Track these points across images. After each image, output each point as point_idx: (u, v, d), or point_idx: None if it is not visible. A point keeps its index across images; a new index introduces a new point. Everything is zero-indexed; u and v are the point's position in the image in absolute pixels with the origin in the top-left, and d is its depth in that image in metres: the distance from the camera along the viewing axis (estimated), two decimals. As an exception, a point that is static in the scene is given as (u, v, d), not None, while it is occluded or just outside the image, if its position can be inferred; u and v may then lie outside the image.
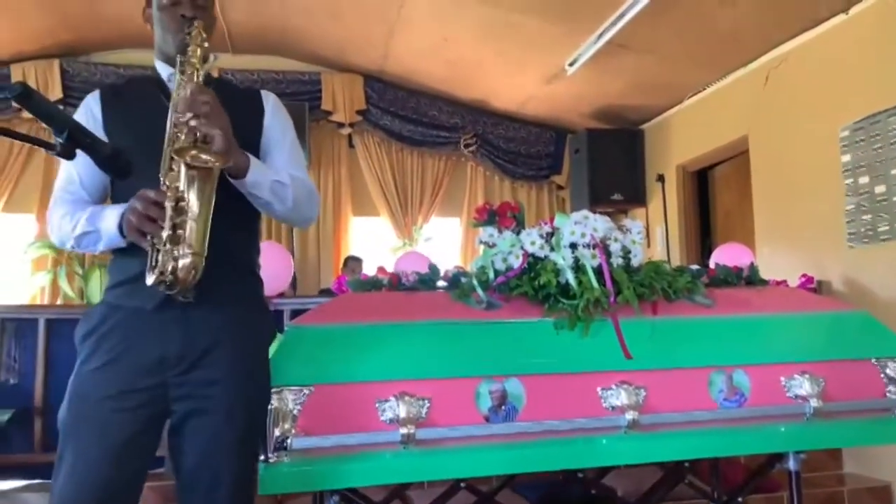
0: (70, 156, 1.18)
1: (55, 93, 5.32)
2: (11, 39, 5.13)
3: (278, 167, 1.63)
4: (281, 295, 3.82)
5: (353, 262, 5.60)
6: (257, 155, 1.62)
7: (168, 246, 1.36)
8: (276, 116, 1.72)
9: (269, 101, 1.74)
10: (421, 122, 6.18)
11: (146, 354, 1.46)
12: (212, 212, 1.40)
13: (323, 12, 4.94)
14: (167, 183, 1.42)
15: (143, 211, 1.38)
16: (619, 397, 1.58)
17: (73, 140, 1.17)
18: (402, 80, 6.04)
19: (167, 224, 1.37)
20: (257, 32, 5.42)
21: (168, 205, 1.38)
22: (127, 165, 1.30)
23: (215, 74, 5.44)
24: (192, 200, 1.38)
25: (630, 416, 1.56)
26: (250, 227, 1.67)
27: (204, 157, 1.37)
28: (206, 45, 1.56)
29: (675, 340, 1.72)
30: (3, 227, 5.44)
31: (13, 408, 3.13)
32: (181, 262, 1.35)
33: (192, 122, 1.43)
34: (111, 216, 1.48)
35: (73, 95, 5.33)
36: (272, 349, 1.56)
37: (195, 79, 1.52)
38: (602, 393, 1.59)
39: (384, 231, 6.21)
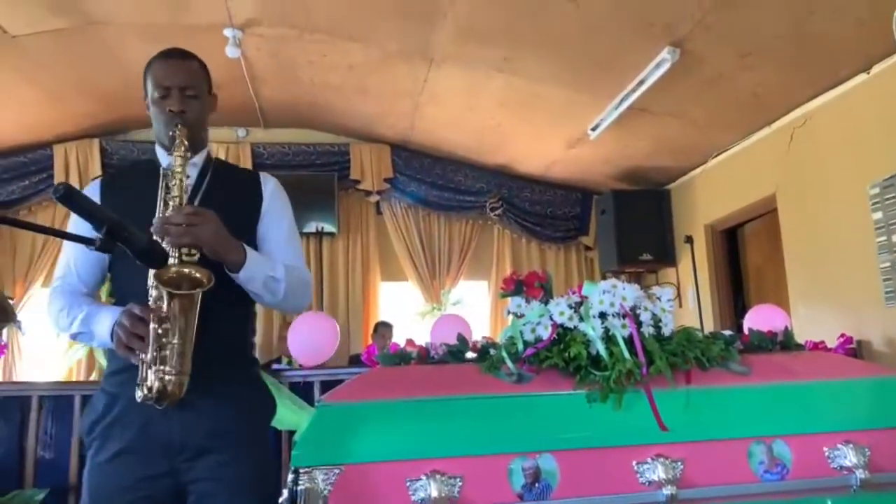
0: (109, 250, 1.23)
1: (95, 171, 5.55)
2: (53, 122, 5.38)
3: (275, 255, 1.64)
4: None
5: (382, 328, 5.61)
6: (254, 237, 1.64)
7: (155, 366, 1.38)
8: (274, 201, 1.72)
9: (269, 185, 1.74)
10: (447, 187, 6.28)
11: (152, 443, 1.48)
12: (195, 330, 1.41)
13: (351, 88, 5.11)
14: (153, 294, 1.44)
15: (130, 328, 1.39)
16: (656, 471, 1.52)
17: (112, 234, 1.22)
18: (429, 149, 6.18)
19: (152, 345, 1.38)
20: (288, 107, 5.62)
21: (152, 326, 1.39)
22: (163, 257, 1.34)
23: (248, 150, 5.54)
24: (175, 324, 1.39)
25: (668, 490, 1.50)
26: (247, 311, 1.69)
27: (187, 276, 1.39)
28: (188, 154, 1.56)
29: (712, 411, 1.67)
30: (43, 301, 5.57)
31: (49, 486, 3.14)
32: (167, 380, 1.38)
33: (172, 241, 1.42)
34: (105, 321, 1.49)
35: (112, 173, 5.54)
36: (300, 430, 1.56)
37: (180, 191, 1.52)
38: (638, 467, 1.54)
39: (413, 295, 6.23)
